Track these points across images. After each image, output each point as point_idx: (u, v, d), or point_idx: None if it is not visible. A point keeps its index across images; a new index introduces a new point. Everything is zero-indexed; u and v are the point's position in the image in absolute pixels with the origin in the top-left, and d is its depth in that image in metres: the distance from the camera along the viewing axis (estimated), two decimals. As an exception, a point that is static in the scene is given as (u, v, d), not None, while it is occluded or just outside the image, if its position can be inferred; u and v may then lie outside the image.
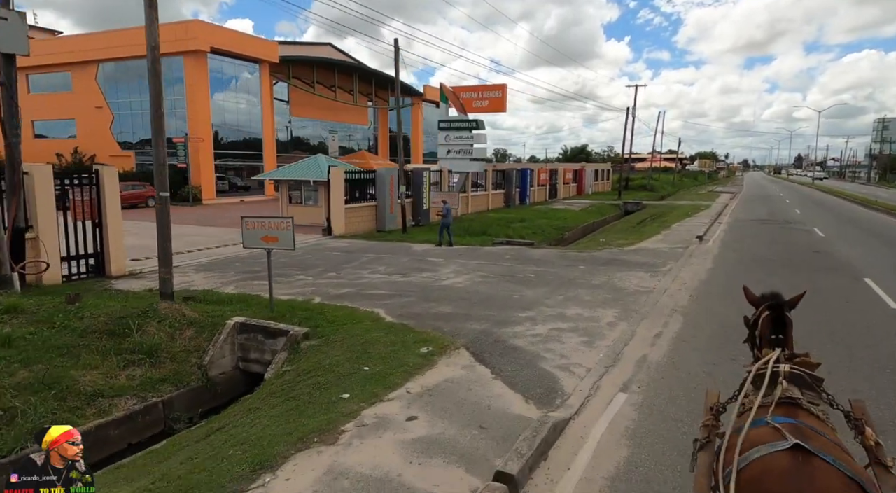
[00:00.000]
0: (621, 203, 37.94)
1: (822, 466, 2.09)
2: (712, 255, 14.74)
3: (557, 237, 23.73)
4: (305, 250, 15.90)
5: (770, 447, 2.18)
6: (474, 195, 29.83)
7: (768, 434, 2.26)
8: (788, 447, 2.15)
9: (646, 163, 64.93)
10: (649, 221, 25.52)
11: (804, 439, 2.17)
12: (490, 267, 13.07)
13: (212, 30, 32.16)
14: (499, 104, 26.16)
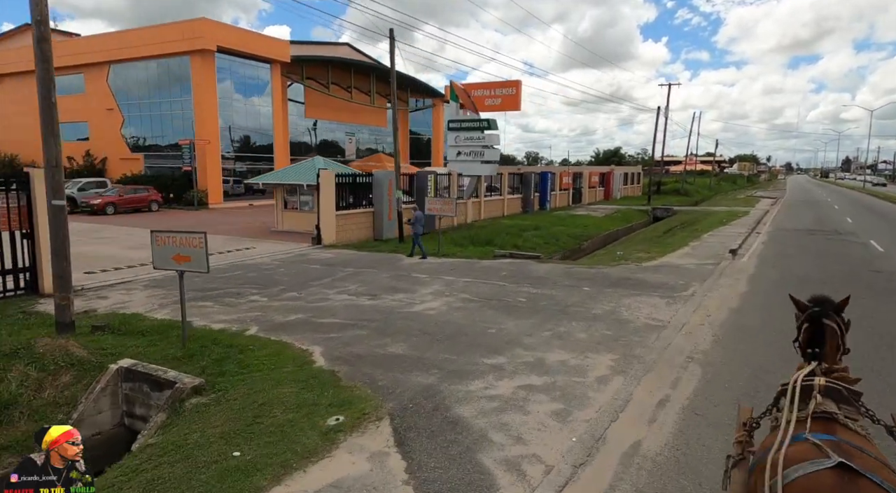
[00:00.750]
0: (649, 209, 35.38)
1: (869, 487, 2.00)
2: (747, 274, 12.45)
3: (573, 247, 21.60)
4: (282, 263, 14.28)
5: (813, 465, 2.08)
6: (487, 200, 27.87)
7: (809, 451, 2.15)
8: (833, 466, 2.05)
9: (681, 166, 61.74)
10: (678, 230, 23.12)
11: (847, 457, 2.08)
12: (479, 287, 11.15)
13: (219, 28, 31.12)
14: (513, 102, 24.20)
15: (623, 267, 13.50)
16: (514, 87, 24.10)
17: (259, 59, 34.55)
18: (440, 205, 16.27)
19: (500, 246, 18.48)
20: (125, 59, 33.60)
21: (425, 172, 22.04)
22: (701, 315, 8.75)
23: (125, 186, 29.21)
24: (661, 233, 22.49)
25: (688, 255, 15.46)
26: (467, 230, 22.51)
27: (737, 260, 14.41)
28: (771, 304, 9.61)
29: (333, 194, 17.92)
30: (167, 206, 31.33)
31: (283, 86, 39.15)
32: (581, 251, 22.02)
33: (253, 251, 16.37)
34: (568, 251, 21.01)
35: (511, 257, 15.56)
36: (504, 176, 29.40)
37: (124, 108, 35.04)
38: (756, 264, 13.77)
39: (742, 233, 20.27)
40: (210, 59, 31.59)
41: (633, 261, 14.57)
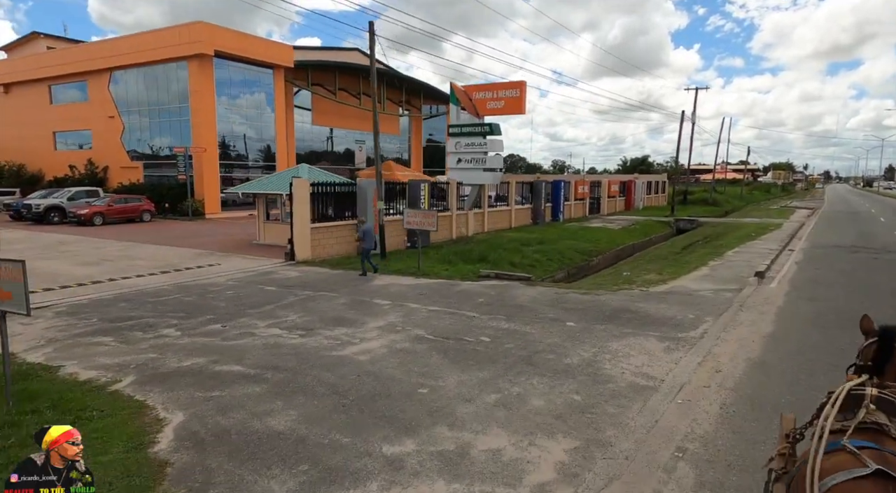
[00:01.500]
0: (672, 221, 32.88)
1: None
2: (775, 307, 10.20)
3: (580, 264, 19.46)
4: (237, 284, 12.60)
5: (848, 474, 2.02)
6: (492, 211, 25.91)
7: (847, 461, 2.09)
8: (870, 473, 1.98)
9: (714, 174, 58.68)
10: (699, 246, 20.77)
11: (888, 465, 2.01)
12: (441, 320, 9.22)
13: (217, 32, 30.00)
14: (516, 105, 22.23)
15: (625, 294, 11.38)
16: (517, 88, 22.16)
17: (261, 64, 33.40)
18: (419, 218, 14.40)
19: (494, 263, 16.51)
20: (125, 65, 32.83)
21: (418, 181, 20.23)
22: (708, 370, 6.63)
23: (116, 196, 28.14)
24: (680, 249, 20.17)
25: (705, 277, 13.22)
26: (464, 245, 20.59)
27: (763, 286, 12.11)
28: (805, 352, 7.42)
29: (308, 205, 16.22)
30: (162, 216, 30.23)
31: (288, 92, 37.99)
32: (589, 269, 19.87)
33: (215, 269, 14.76)
34: (574, 268, 18.90)
35: (497, 277, 13.56)
36: (511, 185, 27.41)
37: (125, 115, 34.24)
38: (786, 293, 11.46)
39: (772, 250, 17.84)
40: (208, 65, 30.50)
41: (639, 284, 12.42)
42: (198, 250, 18.18)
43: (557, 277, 17.40)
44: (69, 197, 27.27)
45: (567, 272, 18.31)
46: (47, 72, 36.53)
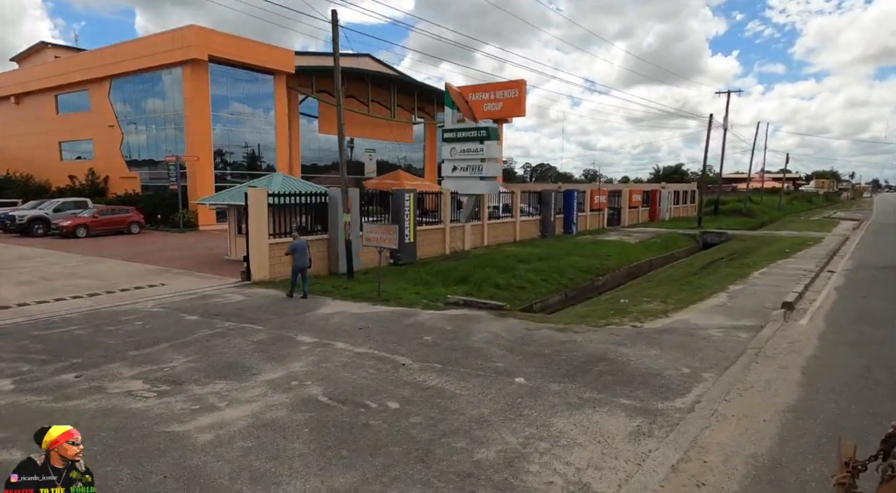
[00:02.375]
0: (698, 233, 30.03)
1: None
2: (804, 355, 7.74)
3: (583, 285, 17.11)
4: (162, 310, 10.86)
5: None
6: (493, 224, 23.71)
7: None
8: None
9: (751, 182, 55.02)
10: (722, 264, 18.14)
11: None
12: (357, 371, 7.13)
13: (210, 36, 28.75)
14: (515, 106, 20.12)
15: (610, 331, 9.07)
16: (516, 88, 20.04)
17: (260, 69, 32.07)
18: (379, 233, 12.35)
19: (476, 285, 14.35)
20: (123, 73, 31.95)
21: (401, 191, 18.24)
22: (686, 481, 4.34)
23: (103, 207, 27.01)
24: (698, 268, 17.57)
25: (719, 309, 10.77)
26: (454, 261, 18.50)
27: (791, 323, 9.60)
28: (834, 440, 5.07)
29: (265, 218, 14.40)
30: (153, 227, 29.02)
31: (293, 99, 36.66)
32: (593, 290, 17.48)
33: (153, 291, 13.03)
34: (573, 290, 16.56)
35: (466, 305, 11.38)
36: (516, 195, 25.18)
37: (124, 124, 33.38)
38: (821, 333, 8.94)
39: (808, 271, 15.14)
40: (202, 70, 29.29)
41: (634, 317, 10.08)
42: (156, 267, 16.57)
43: (551, 301, 15.11)
44: (55, 208, 26.28)
45: (565, 295, 16.00)
46: (52, 82, 36.10)
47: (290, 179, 19.41)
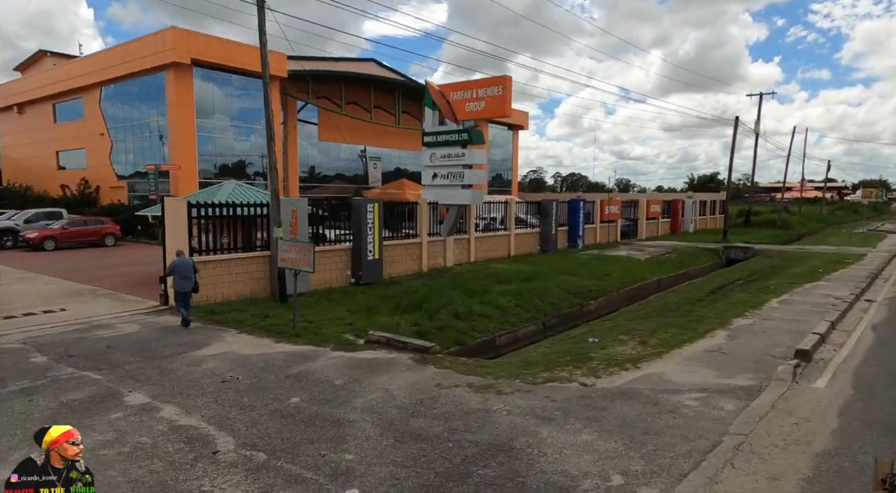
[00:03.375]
0: (721, 248, 26.98)
1: None
2: (812, 452, 5.11)
3: (567, 311, 14.62)
4: (28, 345, 8.94)
5: None
6: (482, 237, 21.33)
7: None
8: None
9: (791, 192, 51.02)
10: (737, 287, 15.35)
11: None
12: (133, 467, 4.96)
13: (192, 38, 27.35)
14: (499, 105, 17.76)
15: (547, 393, 6.65)
16: (500, 85, 17.72)
17: (250, 73, 30.53)
18: (294, 253, 10.17)
19: (431, 312, 12.08)
20: (111, 79, 30.91)
21: (362, 202, 16.11)
22: None
23: (76, 218, 25.73)
24: (706, 293, 14.82)
25: (710, 356, 8.21)
26: (424, 281, 16.27)
27: (803, 385, 6.96)
28: None
29: (185, 231, 12.44)
30: (134, 239, 27.64)
31: (288, 105, 35.13)
32: (581, 316, 14.97)
33: (48, 317, 11.31)
34: (555, 318, 14.09)
35: (389, 345, 9.07)
36: (511, 205, 22.76)
37: (113, 131, 32.32)
38: (843, 407, 6.25)
39: (839, 300, 12.29)
40: (186, 74, 27.91)
41: (591, 367, 7.63)
42: (84, 287, 14.87)
43: (521, 332, 12.69)
44: (26, 219, 25.12)
45: (542, 324, 13.53)
46: (49, 90, 35.46)
47: (244, 187, 17.53)
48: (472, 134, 18.72)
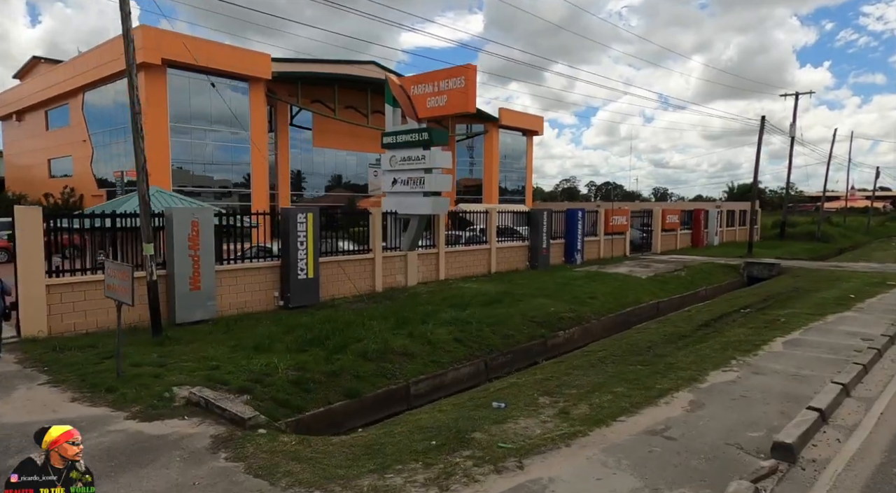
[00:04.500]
0: (742, 265, 23.61)
1: None
2: None
3: (527, 345, 11.94)
4: None
5: None
6: (454, 252, 18.73)
7: None
8: None
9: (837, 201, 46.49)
10: (739, 320, 12.29)
11: None
12: None
13: (163, 38, 25.74)
14: (462, 99, 15.27)
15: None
16: (462, 75, 15.22)
17: (231, 75, 28.88)
18: (117, 280, 7.84)
19: (333, 350, 9.65)
20: (91, 83, 29.72)
21: (292, 211, 13.78)
22: None
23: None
24: (697, 325, 11.79)
25: (647, 442, 5.47)
26: (373, 302, 13.88)
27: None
28: None
29: (39, 248, 10.31)
30: (102, 250, 26.03)
31: (279, 110, 33.42)
32: (543, 352, 12.23)
33: None
34: (507, 355, 11.40)
35: (207, 409, 6.63)
36: (492, 215, 20.11)
37: (95, 137, 31.11)
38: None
39: (867, 343, 9.23)
40: (158, 76, 26.41)
41: (449, 470, 5.03)
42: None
43: (449, 377, 10.06)
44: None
45: (483, 364, 10.87)
46: (39, 97, 34.73)
47: (164, 194, 15.48)
48: (434, 134, 16.28)
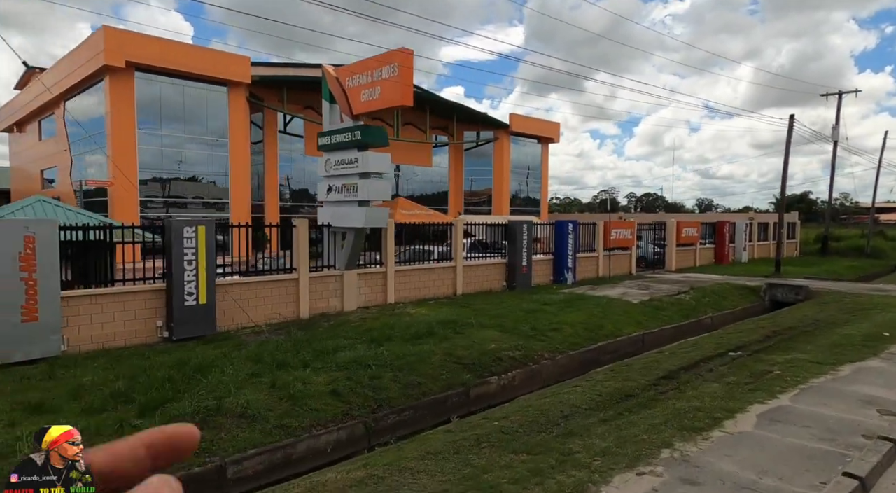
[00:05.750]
0: (764, 287, 20.11)
1: None
2: None
3: (440, 395, 9.25)
4: None
5: None
6: (409, 271, 16.13)
7: None
8: None
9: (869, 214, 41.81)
10: (716, 369, 9.19)
11: None
12: None
13: (126, 38, 24.26)
14: (396, 91, 12.75)
15: None
16: (396, 62, 12.74)
17: (207, 79, 27.28)
18: None
19: (151, 407, 7.25)
20: (67, 90, 28.66)
21: (182, 222, 11.50)
22: None
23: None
24: (655, 378, 8.72)
25: None
26: (282, 336, 11.47)
27: None
28: None
29: None
30: (64, 264, 24.63)
31: (271, 119, 31.73)
32: (466, 404, 9.49)
33: None
34: (406, 412, 8.73)
35: None
36: (457, 228, 17.43)
37: (74, 147, 30.03)
38: None
39: (887, 417, 6.20)
40: (125, 80, 24.97)
41: None
42: None
43: (300, 450, 7.45)
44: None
45: (365, 427, 8.20)
46: (30, 107, 34.16)
47: (49, 205, 13.49)
48: (369, 133, 13.78)
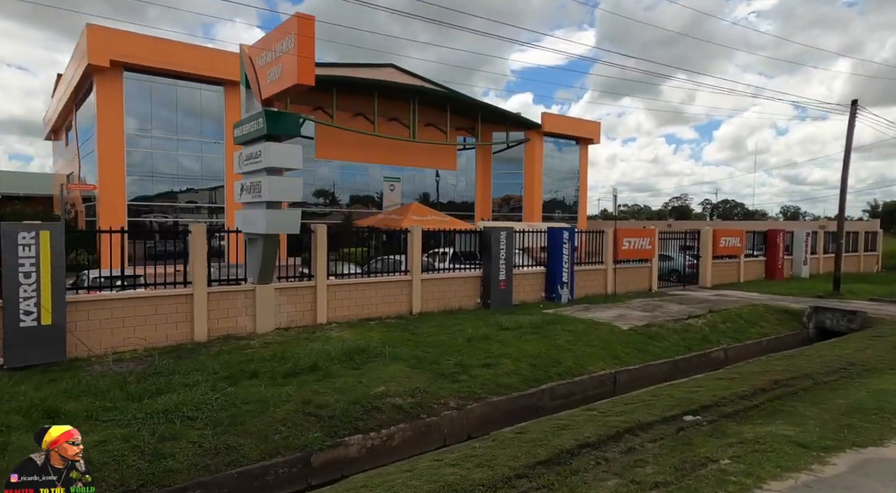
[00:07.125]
0: (808, 310, 16.07)
1: None
2: None
3: (269, 462, 6.58)
4: None
5: None
6: (348, 286, 13.61)
7: None
8: None
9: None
10: (636, 450, 6.10)
11: None
12: None
13: (113, 37, 23.31)
14: (295, 67, 10.34)
15: None
16: (291, 33, 10.30)
17: (199, 78, 26.15)
18: None
19: None
20: (73, 94, 28.45)
21: (17, 226, 9.58)
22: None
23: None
24: (531, 464, 5.66)
25: None
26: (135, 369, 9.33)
27: None
28: None
29: None
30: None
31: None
32: (305, 476, 6.81)
33: None
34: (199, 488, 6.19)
35: None
36: (414, 235, 14.76)
37: (81, 150, 29.84)
38: None
39: None
40: (111, 79, 24.13)
41: None
42: None
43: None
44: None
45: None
46: (56, 113, 34.67)
47: None
48: (274, 120, 11.32)
